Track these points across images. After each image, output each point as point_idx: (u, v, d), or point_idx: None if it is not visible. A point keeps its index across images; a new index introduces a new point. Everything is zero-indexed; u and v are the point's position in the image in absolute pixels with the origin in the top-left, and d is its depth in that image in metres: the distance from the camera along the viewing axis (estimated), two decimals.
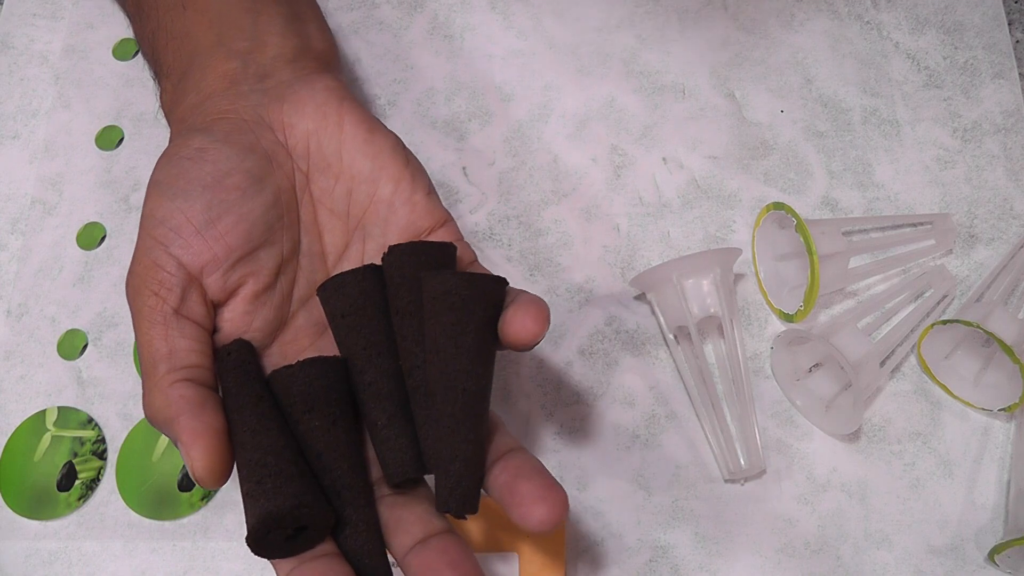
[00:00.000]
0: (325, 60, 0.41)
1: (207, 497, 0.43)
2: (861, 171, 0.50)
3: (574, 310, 0.47)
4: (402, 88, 0.52)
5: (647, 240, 0.48)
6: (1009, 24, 0.54)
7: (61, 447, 0.44)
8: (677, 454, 0.44)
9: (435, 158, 0.50)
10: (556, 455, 0.44)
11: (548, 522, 0.29)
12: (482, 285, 0.31)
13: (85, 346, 0.47)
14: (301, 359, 0.32)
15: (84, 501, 0.43)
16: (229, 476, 0.30)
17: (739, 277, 0.48)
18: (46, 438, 0.45)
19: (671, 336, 0.45)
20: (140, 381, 0.45)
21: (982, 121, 0.51)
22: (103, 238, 0.49)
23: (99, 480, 0.44)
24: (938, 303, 0.46)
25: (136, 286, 0.33)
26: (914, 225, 0.48)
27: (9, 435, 0.45)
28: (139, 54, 0.54)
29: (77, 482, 0.44)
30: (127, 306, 0.47)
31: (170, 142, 0.36)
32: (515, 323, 0.31)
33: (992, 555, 0.41)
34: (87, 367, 0.46)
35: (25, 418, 0.45)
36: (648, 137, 0.51)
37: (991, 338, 0.41)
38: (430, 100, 0.52)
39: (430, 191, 0.37)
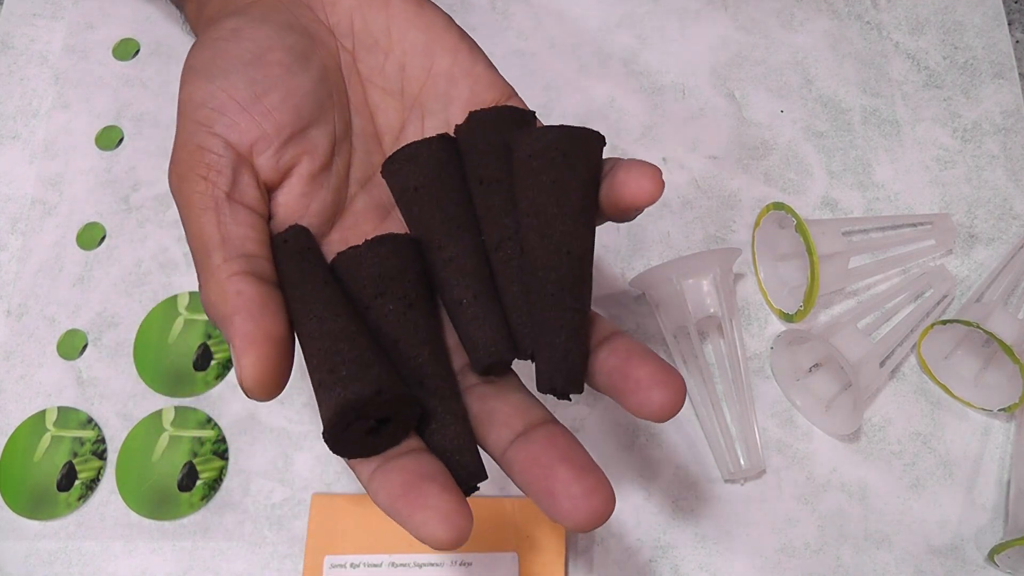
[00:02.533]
0: None
1: (207, 497, 0.43)
2: (861, 171, 0.50)
3: None
4: None
5: (647, 240, 0.48)
6: (1009, 24, 0.54)
7: (61, 447, 0.44)
8: (677, 454, 0.44)
9: None
10: None
11: (668, 407, 0.26)
12: (584, 139, 0.28)
13: (85, 346, 0.47)
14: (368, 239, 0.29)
15: (84, 501, 0.43)
16: (281, 389, 0.27)
17: (739, 277, 0.48)
18: (46, 438, 0.45)
19: (671, 336, 0.45)
20: (140, 381, 0.46)
21: (982, 121, 0.51)
22: (103, 238, 0.49)
23: (99, 480, 0.44)
24: (938, 303, 0.46)
25: (181, 174, 0.29)
26: (914, 225, 0.48)
27: (9, 435, 0.45)
28: (139, 54, 0.54)
29: (77, 482, 0.44)
30: (127, 306, 0.47)
31: (200, 35, 0.33)
32: (630, 183, 0.28)
33: (992, 555, 0.41)
34: (87, 367, 0.46)
35: (25, 418, 0.45)
36: (648, 137, 0.51)
37: (991, 338, 0.41)
38: None
39: (490, 64, 0.34)
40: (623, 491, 0.43)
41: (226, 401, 0.45)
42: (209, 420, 0.45)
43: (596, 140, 0.29)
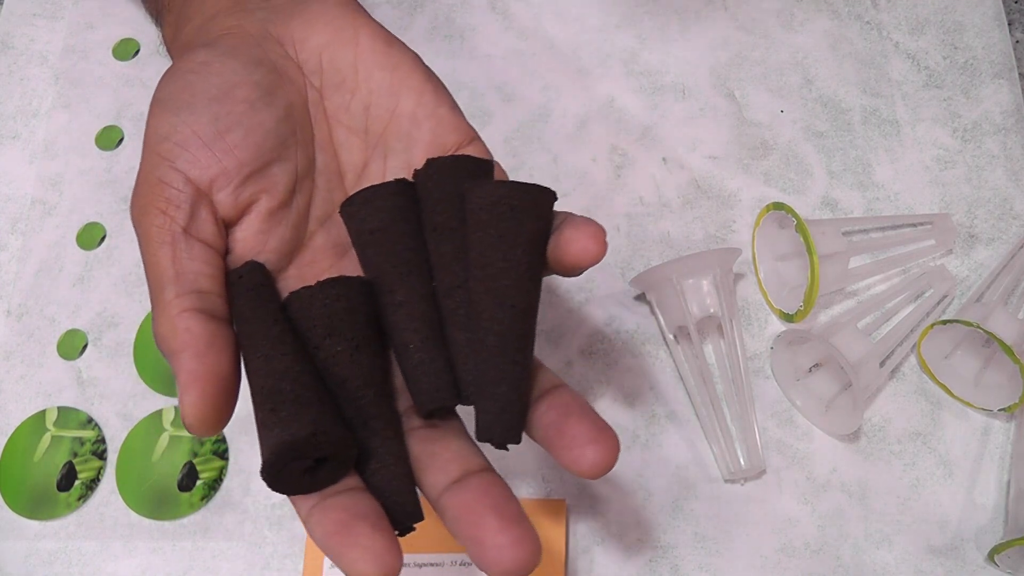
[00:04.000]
0: None
1: (207, 497, 0.43)
2: (861, 171, 0.50)
3: (574, 310, 0.47)
4: None
5: (647, 240, 0.48)
6: (1009, 24, 0.54)
7: (61, 447, 0.44)
8: (677, 454, 0.44)
9: None
10: None
11: (600, 465, 0.27)
12: (533, 195, 0.29)
13: (85, 346, 0.47)
14: (321, 280, 0.30)
15: (84, 501, 0.43)
16: (223, 425, 0.28)
17: (739, 277, 0.48)
18: (46, 438, 0.45)
19: (671, 336, 0.45)
20: (140, 381, 0.46)
21: (982, 121, 0.51)
22: (103, 238, 0.49)
23: (99, 480, 0.44)
24: (938, 303, 0.46)
25: (142, 206, 0.30)
26: (914, 225, 0.48)
27: (9, 435, 0.45)
28: (139, 54, 0.54)
29: (77, 482, 0.44)
30: (127, 306, 0.47)
31: (172, 63, 0.34)
32: (574, 243, 0.28)
33: (992, 555, 0.41)
34: (87, 367, 0.46)
35: (25, 418, 0.45)
36: (648, 137, 0.51)
37: (991, 338, 0.41)
38: None
39: (454, 106, 0.34)
40: (623, 491, 0.43)
41: None
42: None
43: (546, 196, 0.30)
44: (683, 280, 0.44)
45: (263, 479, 0.27)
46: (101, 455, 0.44)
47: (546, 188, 0.29)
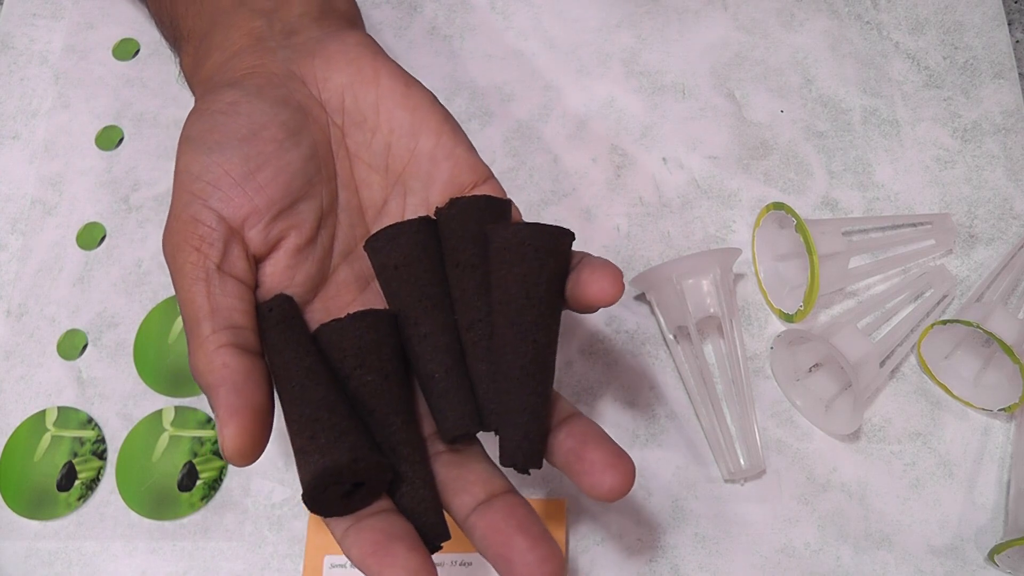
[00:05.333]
0: (350, 19, 0.40)
1: (207, 497, 0.43)
2: (861, 171, 0.50)
3: None
4: None
5: (647, 240, 0.48)
6: (1009, 24, 0.54)
7: (61, 447, 0.44)
8: (677, 454, 0.44)
9: None
10: None
11: (618, 490, 0.28)
12: (554, 236, 0.31)
13: (85, 346, 0.47)
14: (350, 312, 0.31)
15: (84, 501, 0.43)
16: (259, 455, 0.29)
17: (739, 277, 0.48)
18: (46, 438, 0.45)
19: (671, 336, 0.45)
20: (140, 381, 0.46)
21: (982, 121, 0.51)
22: (103, 238, 0.49)
23: (99, 480, 0.44)
24: (938, 303, 0.46)
25: (176, 243, 0.31)
26: (914, 225, 0.48)
27: (9, 435, 0.45)
28: (139, 54, 0.54)
29: (77, 482, 0.44)
30: (127, 306, 0.47)
31: (197, 100, 0.35)
32: (592, 284, 0.30)
33: (992, 555, 0.41)
34: (87, 367, 0.46)
35: (25, 418, 0.45)
36: (648, 137, 0.51)
37: (991, 338, 0.41)
38: None
39: (470, 146, 0.36)
40: None
41: None
42: (209, 420, 0.45)
43: (565, 237, 0.31)
44: (683, 280, 0.44)
45: (304, 502, 0.29)
46: (101, 455, 0.44)
47: (565, 230, 0.31)
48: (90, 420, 0.45)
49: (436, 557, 0.40)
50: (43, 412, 0.45)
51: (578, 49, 0.53)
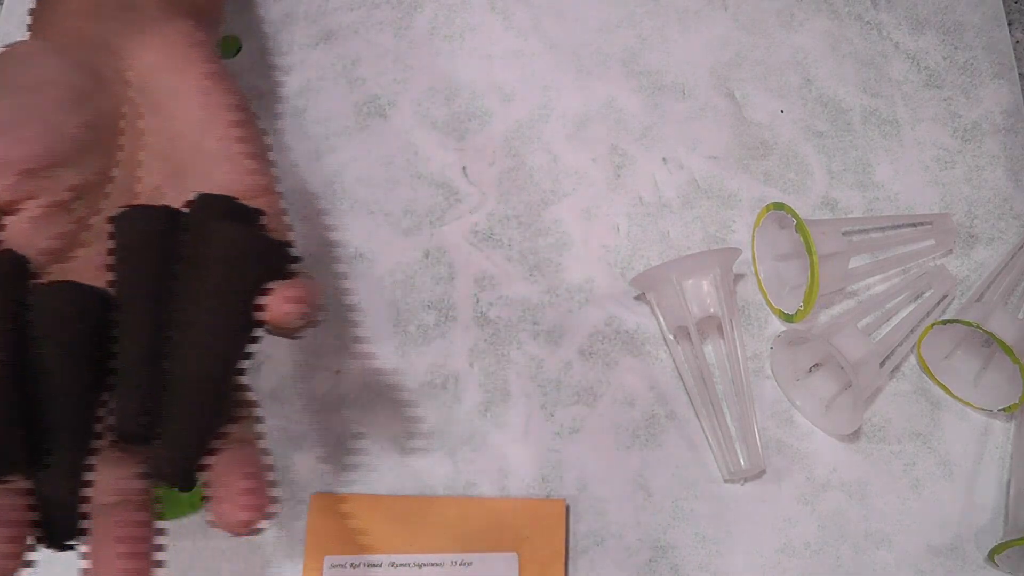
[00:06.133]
0: (203, 9, 0.40)
1: (207, 497, 0.43)
2: (861, 171, 0.50)
3: (574, 310, 0.47)
4: (402, 88, 0.52)
5: (647, 240, 0.48)
6: (1009, 24, 0.54)
7: None
8: (677, 454, 0.44)
9: (435, 158, 0.50)
10: (556, 455, 0.44)
11: (243, 524, 0.27)
12: (266, 248, 0.29)
13: None
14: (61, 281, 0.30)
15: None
16: None
17: (739, 277, 0.48)
18: None
19: (671, 336, 0.45)
20: None
21: (982, 121, 0.51)
22: None
23: None
24: (938, 303, 0.46)
25: None
26: (914, 225, 0.48)
27: None
28: None
29: None
30: None
31: (8, 45, 0.35)
32: (273, 298, 0.29)
33: (992, 555, 0.41)
34: None
35: None
36: (648, 137, 0.51)
37: (991, 338, 0.41)
38: (430, 100, 0.52)
39: (259, 156, 0.35)
40: (623, 491, 0.43)
41: None
42: None
43: (283, 254, 0.30)
44: (683, 280, 0.44)
45: None
46: None
47: (284, 245, 0.30)
48: None
49: (435, 557, 0.41)
50: None
51: (578, 49, 0.53)
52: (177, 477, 0.28)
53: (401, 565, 0.41)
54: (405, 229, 0.48)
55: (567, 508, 0.42)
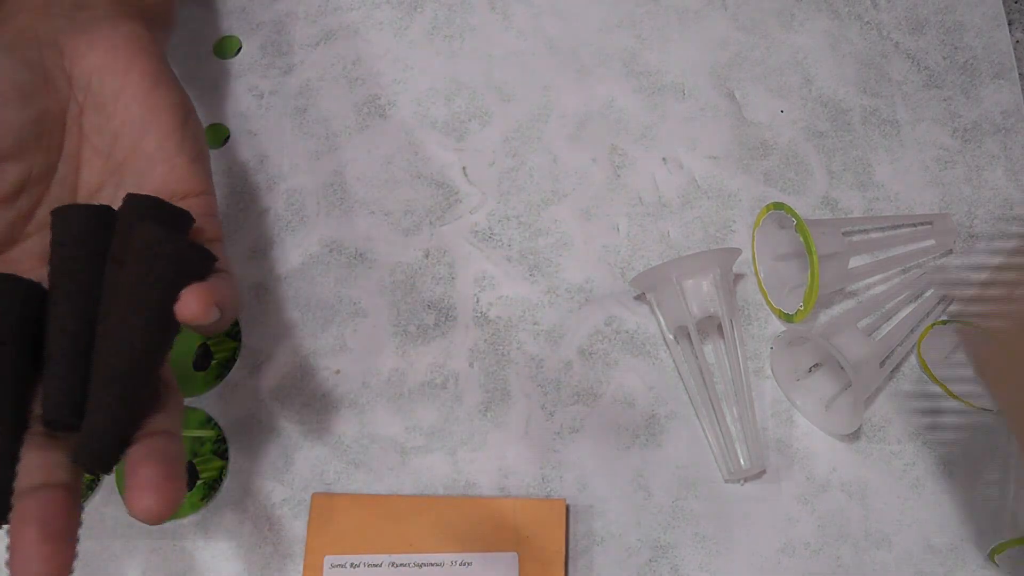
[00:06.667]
0: (153, 12, 0.40)
1: (207, 497, 0.43)
2: (861, 171, 0.50)
3: (574, 310, 0.47)
4: (402, 88, 0.52)
5: (647, 240, 0.48)
6: (1009, 24, 0.54)
7: None
8: (677, 454, 0.44)
9: (435, 158, 0.50)
10: (556, 455, 0.44)
11: (153, 512, 0.28)
12: (185, 251, 0.31)
13: None
14: None
15: (85, 501, 0.43)
16: None
17: (739, 277, 0.48)
18: None
19: (671, 336, 0.45)
20: None
21: (982, 121, 0.51)
22: None
23: (100, 480, 0.44)
24: (938, 303, 0.46)
25: None
26: (914, 225, 0.48)
27: None
28: None
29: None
30: None
31: None
32: (186, 298, 0.30)
33: (992, 555, 0.41)
34: None
35: None
36: (648, 137, 0.51)
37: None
38: (430, 100, 0.52)
39: (196, 158, 0.36)
40: (623, 491, 0.43)
41: (226, 401, 0.45)
42: (209, 420, 0.45)
43: (203, 257, 0.32)
44: (683, 280, 0.44)
45: None
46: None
47: (206, 251, 0.32)
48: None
49: (436, 557, 0.41)
50: None
51: (578, 49, 0.53)
52: (96, 463, 0.30)
53: (401, 565, 0.41)
54: (405, 229, 0.48)
55: (567, 508, 0.42)
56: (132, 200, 0.33)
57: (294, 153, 0.50)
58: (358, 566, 0.41)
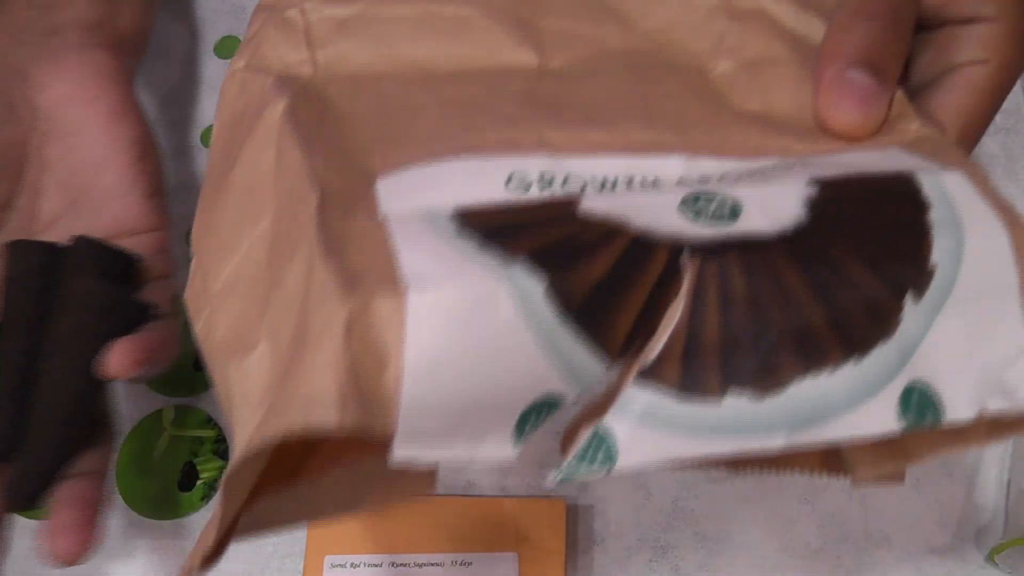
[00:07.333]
0: (125, 40, 0.40)
1: (207, 497, 0.43)
2: None
3: None
4: None
5: None
6: None
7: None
8: None
9: None
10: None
11: (68, 554, 0.29)
12: (117, 304, 0.32)
13: None
14: None
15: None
16: None
17: None
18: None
19: None
20: (142, 386, 0.46)
21: None
22: None
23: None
24: None
25: None
26: None
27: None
28: None
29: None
30: None
31: None
32: (109, 353, 0.31)
33: (992, 555, 0.41)
34: None
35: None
36: None
37: None
38: None
39: (152, 194, 0.37)
40: (623, 491, 0.43)
41: None
42: (209, 420, 0.45)
43: (139, 311, 0.33)
44: None
45: None
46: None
47: (145, 305, 0.33)
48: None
49: (436, 557, 0.41)
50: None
51: None
52: (20, 499, 0.31)
53: (401, 565, 0.41)
54: None
55: (567, 508, 0.42)
56: (79, 244, 0.34)
57: None
58: (358, 566, 0.41)
